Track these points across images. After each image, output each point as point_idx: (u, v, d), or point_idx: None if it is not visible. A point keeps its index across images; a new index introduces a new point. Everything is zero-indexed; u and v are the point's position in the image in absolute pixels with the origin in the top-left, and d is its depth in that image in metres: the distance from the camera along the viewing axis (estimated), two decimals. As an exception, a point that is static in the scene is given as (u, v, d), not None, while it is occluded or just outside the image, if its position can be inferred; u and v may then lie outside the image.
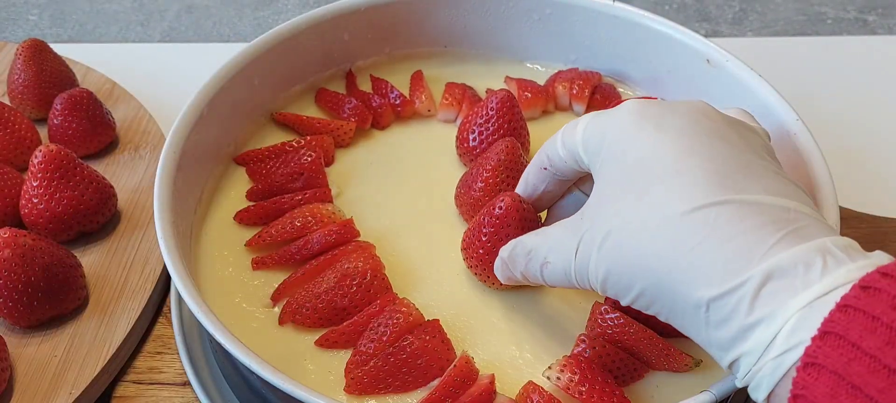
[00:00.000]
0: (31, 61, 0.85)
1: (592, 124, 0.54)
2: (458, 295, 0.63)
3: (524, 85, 0.81)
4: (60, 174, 0.71)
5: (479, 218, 0.62)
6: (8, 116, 0.80)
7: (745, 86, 0.72)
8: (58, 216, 0.71)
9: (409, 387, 0.57)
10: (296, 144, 0.74)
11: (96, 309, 0.70)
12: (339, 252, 0.64)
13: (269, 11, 1.16)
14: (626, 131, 0.51)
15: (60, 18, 1.14)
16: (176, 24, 1.13)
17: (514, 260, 0.57)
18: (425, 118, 0.81)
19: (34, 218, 0.71)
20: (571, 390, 0.54)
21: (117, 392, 0.67)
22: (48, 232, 0.72)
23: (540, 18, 0.83)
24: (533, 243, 0.56)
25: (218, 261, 0.66)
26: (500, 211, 0.60)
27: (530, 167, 0.61)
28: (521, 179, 0.62)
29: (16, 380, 0.64)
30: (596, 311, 0.60)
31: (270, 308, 0.63)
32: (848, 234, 0.45)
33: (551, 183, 0.59)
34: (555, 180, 0.59)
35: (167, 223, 0.61)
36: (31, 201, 0.71)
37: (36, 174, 0.71)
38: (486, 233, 0.61)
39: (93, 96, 0.82)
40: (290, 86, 0.81)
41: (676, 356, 0.58)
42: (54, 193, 0.71)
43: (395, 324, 0.58)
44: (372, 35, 0.83)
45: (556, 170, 0.58)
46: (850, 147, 0.64)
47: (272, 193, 0.70)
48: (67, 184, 0.71)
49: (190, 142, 0.67)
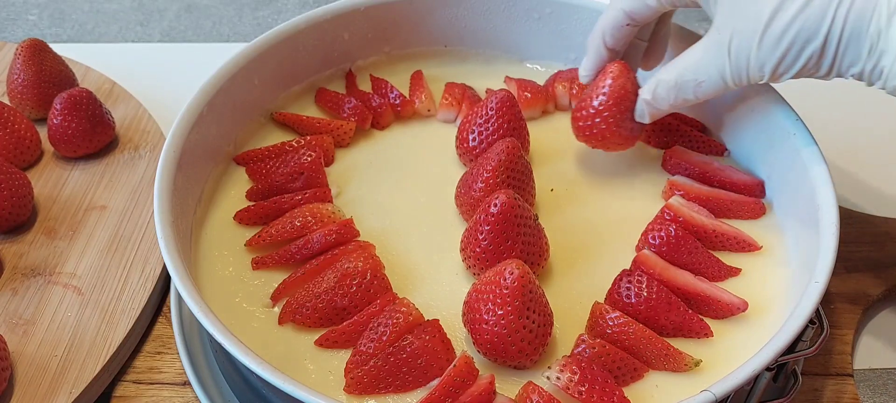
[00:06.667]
0: (31, 61, 0.85)
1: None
2: (458, 294, 0.63)
3: (524, 85, 0.81)
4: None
5: (477, 218, 0.62)
6: (8, 116, 0.80)
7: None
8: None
9: (408, 387, 0.57)
10: (296, 144, 0.74)
11: (96, 310, 0.70)
12: (338, 252, 0.64)
13: (269, 11, 1.16)
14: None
15: (60, 18, 1.14)
16: (176, 24, 1.13)
17: (659, 98, 0.66)
18: (425, 118, 0.81)
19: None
20: (571, 390, 0.54)
21: (117, 392, 0.67)
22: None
23: (540, 18, 0.83)
24: (676, 76, 0.64)
25: (218, 261, 0.66)
26: (496, 209, 0.60)
27: (605, 34, 0.69)
28: (591, 54, 0.71)
29: (16, 380, 0.64)
30: (596, 311, 0.60)
31: (270, 308, 0.63)
32: (848, 234, 0.45)
33: (632, 34, 0.69)
34: (634, 30, 0.69)
35: (167, 223, 0.61)
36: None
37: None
38: (484, 233, 0.61)
39: (92, 96, 0.82)
40: (290, 86, 0.80)
41: (676, 356, 0.58)
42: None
43: (394, 324, 0.58)
44: (372, 35, 0.83)
45: (641, 20, 0.68)
46: (850, 147, 0.64)
47: (272, 193, 0.70)
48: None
49: (190, 141, 0.67)
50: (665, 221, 0.66)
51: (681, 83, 0.64)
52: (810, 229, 0.63)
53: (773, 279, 0.65)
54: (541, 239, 0.64)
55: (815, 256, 0.60)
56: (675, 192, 0.70)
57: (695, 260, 0.64)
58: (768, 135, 0.71)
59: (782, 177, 0.70)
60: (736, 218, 0.70)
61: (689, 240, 0.65)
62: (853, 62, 0.57)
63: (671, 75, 0.65)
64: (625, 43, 0.70)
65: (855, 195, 0.83)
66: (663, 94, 0.66)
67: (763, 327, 0.61)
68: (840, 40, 0.56)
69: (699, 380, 0.58)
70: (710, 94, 0.64)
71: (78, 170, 0.83)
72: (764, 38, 0.58)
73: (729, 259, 0.66)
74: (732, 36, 0.60)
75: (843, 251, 0.69)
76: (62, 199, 0.79)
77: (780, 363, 0.58)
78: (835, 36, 0.56)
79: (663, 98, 0.66)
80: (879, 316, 0.75)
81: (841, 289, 0.74)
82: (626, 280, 0.61)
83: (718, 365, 0.59)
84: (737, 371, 0.53)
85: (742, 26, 0.59)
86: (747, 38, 0.59)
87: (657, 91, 0.66)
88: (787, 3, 0.57)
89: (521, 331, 0.56)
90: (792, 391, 0.62)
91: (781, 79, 0.60)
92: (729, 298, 0.62)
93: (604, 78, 0.69)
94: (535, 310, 0.56)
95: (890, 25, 0.54)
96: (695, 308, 0.62)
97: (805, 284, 0.58)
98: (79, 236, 0.76)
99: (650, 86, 0.67)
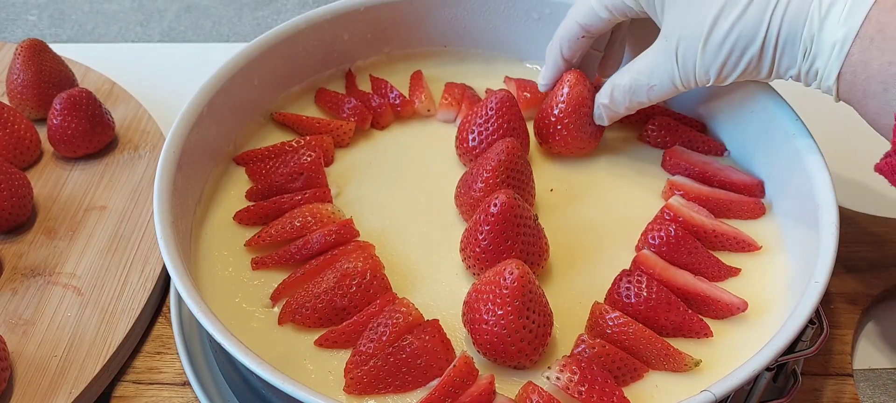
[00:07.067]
0: (31, 61, 0.85)
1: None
2: (458, 294, 0.62)
3: (524, 85, 0.81)
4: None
5: (477, 218, 0.62)
6: (7, 116, 0.80)
7: (745, 86, 0.72)
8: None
9: (408, 387, 0.57)
10: (295, 144, 0.74)
11: (96, 310, 0.70)
12: (338, 252, 0.64)
13: (269, 11, 1.16)
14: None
15: (60, 18, 1.14)
16: (175, 24, 1.13)
17: (616, 101, 0.70)
18: (425, 118, 0.81)
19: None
20: (571, 390, 0.54)
21: (117, 392, 0.67)
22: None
23: (540, 18, 0.83)
24: (629, 80, 0.68)
25: (218, 261, 0.66)
26: (496, 209, 0.60)
27: (562, 46, 0.72)
28: (549, 64, 0.74)
29: (16, 380, 0.64)
30: (596, 311, 0.60)
31: (270, 308, 0.63)
32: (848, 234, 0.46)
33: (587, 45, 0.73)
34: (590, 41, 0.72)
35: (167, 223, 0.61)
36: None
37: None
38: (484, 233, 0.61)
39: (92, 96, 0.82)
40: (290, 86, 0.80)
41: (676, 356, 0.58)
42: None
43: (394, 324, 0.58)
44: (372, 35, 0.83)
45: (595, 32, 0.71)
46: (850, 147, 0.64)
47: (272, 193, 0.70)
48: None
49: (189, 141, 0.67)
50: (665, 221, 0.66)
51: (634, 87, 0.68)
52: (810, 229, 0.63)
53: (772, 279, 0.65)
54: (541, 239, 0.64)
55: (814, 256, 0.60)
56: (674, 192, 0.70)
57: (695, 260, 0.64)
58: (768, 135, 0.71)
59: (782, 177, 0.70)
60: (736, 218, 0.70)
61: (689, 240, 0.65)
62: (790, 65, 0.61)
63: (625, 79, 0.69)
64: (581, 53, 0.74)
65: (855, 195, 0.83)
66: (619, 98, 0.70)
67: (763, 327, 0.61)
68: (776, 45, 0.60)
69: (699, 380, 0.58)
70: (662, 97, 0.68)
71: (78, 170, 0.83)
72: (707, 44, 0.62)
73: (729, 259, 0.66)
74: (678, 42, 0.63)
75: (843, 251, 0.69)
76: (62, 199, 0.79)
77: (780, 363, 0.58)
78: (772, 41, 0.60)
79: (619, 101, 0.70)
80: (879, 316, 0.75)
81: (841, 289, 0.74)
82: (625, 280, 0.61)
83: (718, 365, 0.59)
84: (737, 371, 0.53)
85: (686, 33, 0.63)
86: (692, 44, 0.62)
87: (613, 94, 0.70)
88: (726, 11, 0.60)
89: (520, 331, 0.56)
90: (792, 391, 0.62)
91: (726, 81, 0.64)
92: (729, 298, 0.62)
93: (561, 86, 0.72)
94: (534, 310, 0.56)
95: (822, 30, 0.57)
96: (695, 308, 0.62)
97: (805, 284, 0.58)
98: (79, 236, 0.76)
99: (606, 90, 0.71)
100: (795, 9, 0.58)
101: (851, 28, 0.56)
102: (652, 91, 0.67)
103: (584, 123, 0.73)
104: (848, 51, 0.56)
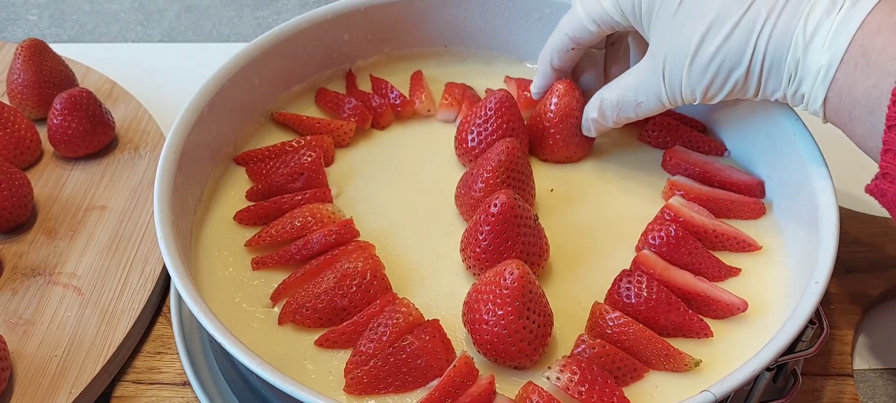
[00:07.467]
0: (31, 61, 0.85)
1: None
2: (458, 295, 0.62)
3: (524, 85, 0.81)
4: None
5: (477, 218, 0.62)
6: (8, 116, 0.80)
7: (745, 86, 0.72)
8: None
9: (408, 387, 0.57)
10: (296, 144, 0.74)
11: (96, 310, 0.70)
12: (338, 252, 0.64)
13: (269, 11, 1.16)
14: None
15: (60, 18, 1.14)
16: (176, 24, 1.13)
17: (604, 115, 0.70)
18: (425, 118, 0.81)
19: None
20: (571, 390, 0.54)
21: (117, 392, 0.67)
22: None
23: (540, 18, 0.83)
24: (617, 95, 0.68)
25: (218, 261, 0.66)
26: (496, 210, 0.60)
27: (552, 56, 0.72)
28: (541, 72, 0.74)
29: (16, 380, 0.64)
30: (596, 311, 0.60)
31: (270, 308, 0.63)
32: (848, 234, 0.46)
33: (577, 56, 0.73)
34: (580, 52, 0.73)
35: (167, 223, 0.61)
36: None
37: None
38: (484, 233, 0.61)
39: (92, 96, 0.82)
40: (290, 86, 0.80)
41: (676, 356, 0.58)
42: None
43: (394, 324, 0.58)
44: (372, 35, 0.83)
45: (584, 44, 0.71)
46: (850, 147, 0.64)
47: (272, 193, 0.70)
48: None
49: (190, 141, 0.67)
50: (665, 221, 0.66)
51: (622, 103, 0.68)
52: (810, 229, 0.63)
53: (772, 279, 0.65)
54: (541, 239, 0.64)
55: (814, 256, 0.60)
56: (675, 192, 0.70)
57: (695, 260, 0.64)
58: (768, 135, 0.71)
59: (782, 177, 0.70)
60: (736, 219, 0.70)
61: (689, 240, 0.65)
62: (776, 88, 0.60)
63: (613, 94, 0.69)
64: (571, 63, 0.74)
65: (855, 195, 0.83)
66: (607, 112, 0.70)
67: (763, 327, 0.61)
68: (762, 69, 0.59)
69: (699, 380, 0.58)
70: (650, 113, 0.68)
71: (78, 170, 0.83)
72: (693, 64, 0.61)
73: (729, 259, 0.66)
74: (665, 61, 0.63)
75: (843, 251, 0.70)
76: (62, 199, 0.79)
77: (779, 363, 0.58)
78: (757, 65, 0.59)
79: (608, 116, 0.70)
80: (879, 317, 0.75)
81: (841, 289, 0.74)
82: (625, 280, 0.61)
83: (718, 365, 0.59)
84: (737, 371, 0.53)
85: (673, 52, 0.62)
86: (678, 63, 0.62)
87: (602, 108, 0.70)
88: (711, 33, 0.60)
89: (521, 331, 0.56)
90: (792, 391, 0.62)
91: (714, 100, 0.63)
92: (729, 298, 0.62)
93: (551, 96, 0.73)
94: (535, 310, 0.56)
95: (806, 54, 0.57)
96: (695, 308, 0.62)
97: (805, 284, 0.58)
98: (79, 236, 0.76)
99: (594, 104, 0.71)
100: (780, 33, 0.57)
101: (836, 53, 0.55)
102: (639, 107, 0.68)
103: (572, 133, 0.74)
104: (833, 76, 0.56)
